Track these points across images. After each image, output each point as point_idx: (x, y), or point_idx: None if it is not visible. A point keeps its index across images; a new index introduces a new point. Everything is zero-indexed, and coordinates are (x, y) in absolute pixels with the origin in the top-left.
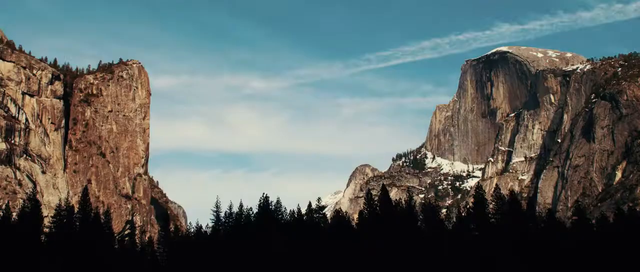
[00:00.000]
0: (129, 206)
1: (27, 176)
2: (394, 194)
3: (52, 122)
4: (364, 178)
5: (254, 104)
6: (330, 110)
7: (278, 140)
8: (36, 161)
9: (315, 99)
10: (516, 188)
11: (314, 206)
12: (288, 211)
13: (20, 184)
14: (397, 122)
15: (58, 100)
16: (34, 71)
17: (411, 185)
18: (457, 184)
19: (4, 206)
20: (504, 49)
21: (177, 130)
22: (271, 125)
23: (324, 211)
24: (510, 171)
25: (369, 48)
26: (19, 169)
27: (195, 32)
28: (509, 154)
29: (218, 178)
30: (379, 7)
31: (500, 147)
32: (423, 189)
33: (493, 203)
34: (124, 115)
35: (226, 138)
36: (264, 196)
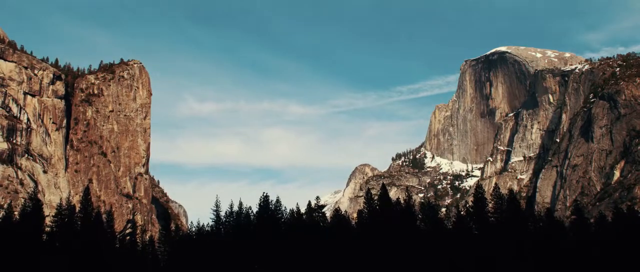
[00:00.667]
0: (130, 205)
1: (29, 175)
2: (393, 193)
3: (53, 122)
4: (363, 177)
5: (289, 127)
6: (358, 131)
7: (307, 156)
8: (38, 161)
9: (346, 124)
10: (515, 187)
11: (313, 205)
12: (288, 210)
13: (21, 183)
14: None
15: (59, 100)
16: (36, 71)
17: (410, 184)
18: (457, 183)
19: (5, 206)
20: (503, 49)
21: (215, 148)
22: (302, 143)
23: (323, 210)
24: (509, 170)
25: (400, 82)
26: (20, 168)
27: (241, 69)
28: (508, 154)
29: (243, 188)
30: (403, 43)
31: (499, 147)
32: (422, 188)
33: (492, 202)
34: (125, 115)
35: (259, 155)
36: (264, 195)
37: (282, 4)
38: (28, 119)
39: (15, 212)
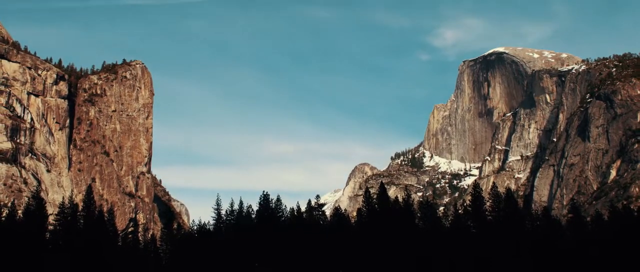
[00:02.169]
0: (133, 204)
1: (32, 174)
2: (392, 192)
3: (56, 122)
4: (363, 177)
5: None
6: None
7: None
8: (41, 160)
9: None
10: (513, 186)
11: (313, 204)
12: (288, 209)
13: (25, 182)
14: None
15: (63, 100)
16: (39, 72)
17: (409, 183)
18: (455, 182)
19: (9, 204)
20: (501, 49)
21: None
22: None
23: (323, 209)
24: (507, 169)
25: None
26: (24, 167)
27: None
28: (506, 153)
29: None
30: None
31: (497, 146)
32: (421, 187)
33: (490, 201)
34: (127, 115)
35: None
36: (264, 193)
37: None
38: (32, 119)
39: (19, 211)
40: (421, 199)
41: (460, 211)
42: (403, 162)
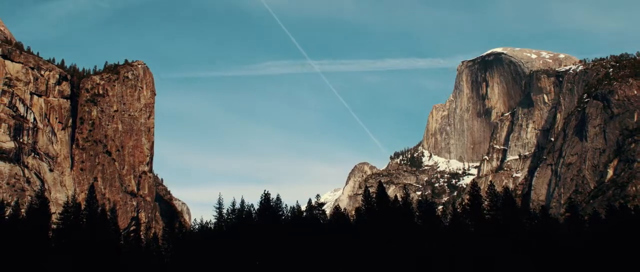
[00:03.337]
0: (134, 203)
1: (35, 173)
2: (391, 191)
3: (59, 122)
4: (362, 176)
5: None
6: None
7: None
8: (44, 159)
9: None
10: (510, 185)
11: (313, 202)
12: (288, 208)
13: (28, 181)
14: None
15: (65, 100)
16: (42, 72)
17: (408, 182)
18: (453, 181)
19: (13, 203)
20: (499, 50)
21: None
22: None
23: (323, 208)
24: (505, 168)
25: None
26: (27, 167)
27: None
28: (504, 153)
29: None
30: None
31: (495, 146)
32: (420, 186)
33: (488, 200)
34: (129, 115)
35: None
36: (265, 192)
37: None
38: (35, 119)
39: (22, 210)
40: (420, 198)
41: (458, 210)
42: (402, 162)
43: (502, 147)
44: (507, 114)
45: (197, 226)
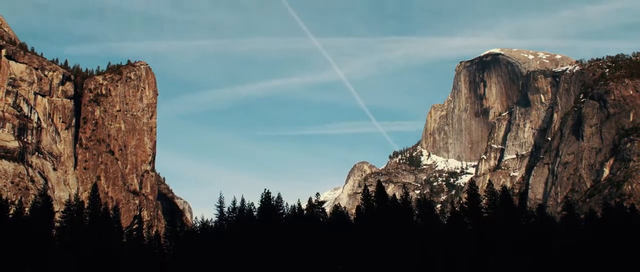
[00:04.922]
0: (137, 202)
1: (39, 172)
2: (390, 190)
3: (63, 121)
4: (362, 175)
5: None
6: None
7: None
8: (48, 159)
9: None
10: (508, 184)
11: (313, 201)
12: (289, 206)
13: (32, 180)
14: None
15: (69, 100)
16: (46, 72)
17: (407, 181)
18: (452, 180)
19: (17, 202)
20: (496, 50)
21: None
22: None
23: (323, 206)
24: (503, 167)
25: None
26: (31, 166)
27: None
28: (501, 152)
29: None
30: None
31: (492, 145)
32: (419, 185)
33: (486, 199)
34: (132, 115)
35: None
36: (266, 191)
37: None
38: (38, 119)
39: (26, 208)
40: (419, 197)
41: (457, 208)
42: (401, 161)
43: (499, 146)
44: (504, 114)
45: (198, 225)
